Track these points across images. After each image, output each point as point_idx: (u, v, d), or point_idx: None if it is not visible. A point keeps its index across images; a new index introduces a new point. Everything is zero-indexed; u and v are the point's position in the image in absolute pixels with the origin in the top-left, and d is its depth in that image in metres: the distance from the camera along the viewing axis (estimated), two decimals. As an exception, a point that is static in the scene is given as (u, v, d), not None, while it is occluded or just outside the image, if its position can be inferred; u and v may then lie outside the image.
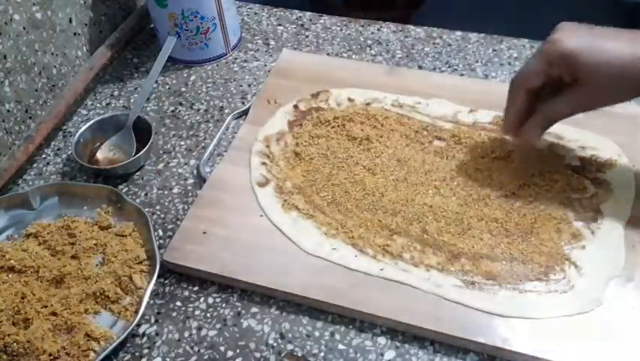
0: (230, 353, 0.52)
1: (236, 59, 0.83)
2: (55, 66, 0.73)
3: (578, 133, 0.64)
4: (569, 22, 0.53)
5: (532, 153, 0.63)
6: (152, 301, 0.56)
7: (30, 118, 0.70)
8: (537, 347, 0.49)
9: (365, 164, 0.64)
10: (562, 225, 0.57)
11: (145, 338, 0.54)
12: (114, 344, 0.51)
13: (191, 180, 0.67)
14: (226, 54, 0.83)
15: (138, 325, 0.54)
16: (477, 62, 0.79)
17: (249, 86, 0.78)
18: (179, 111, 0.76)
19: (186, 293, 0.57)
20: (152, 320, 0.55)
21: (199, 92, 0.78)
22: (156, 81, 0.79)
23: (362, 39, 0.84)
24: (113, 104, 0.78)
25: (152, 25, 0.85)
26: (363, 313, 0.52)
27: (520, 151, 0.63)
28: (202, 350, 0.52)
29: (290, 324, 0.54)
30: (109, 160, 0.69)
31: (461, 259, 0.55)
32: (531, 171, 0.61)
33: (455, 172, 0.62)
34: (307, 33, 0.86)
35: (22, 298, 0.54)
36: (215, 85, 0.79)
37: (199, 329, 0.54)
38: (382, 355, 0.51)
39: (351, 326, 0.53)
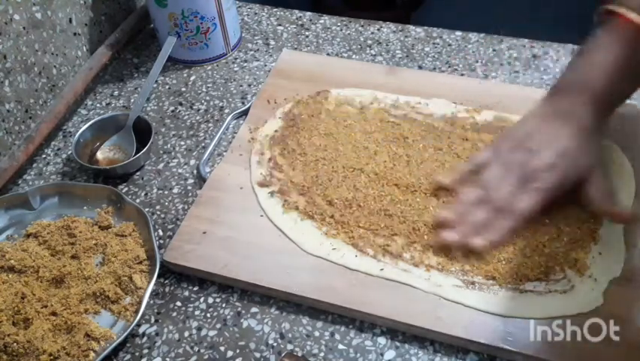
0: (230, 353, 0.52)
1: (236, 59, 0.83)
2: (55, 66, 0.73)
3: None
4: None
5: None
6: (152, 301, 0.56)
7: (30, 118, 0.70)
8: (537, 347, 0.49)
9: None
10: (562, 225, 0.57)
11: (145, 338, 0.54)
12: (114, 344, 0.51)
13: (191, 180, 0.67)
14: (226, 54, 0.83)
15: (138, 325, 0.54)
16: (477, 62, 0.79)
17: (249, 86, 0.78)
18: (179, 111, 0.76)
19: (186, 293, 0.57)
20: (152, 320, 0.55)
21: (199, 92, 0.78)
22: (156, 81, 0.79)
23: (362, 39, 0.84)
24: (113, 104, 0.78)
25: (152, 25, 0.85)
26: (363, 314, 0.52)
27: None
28: (202, 350, 0.52)
29: (290, 324, 0.54)
30: (109, 160, 0.69)
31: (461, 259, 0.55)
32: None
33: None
34: (307, 33, 0.86)
35: (22, 298, 0.54)
36: (215, 85, 0.79)
37: (199, 329, 0.54)
38: (382, 355, 0.51)
39: (351, 326, 0.53)
